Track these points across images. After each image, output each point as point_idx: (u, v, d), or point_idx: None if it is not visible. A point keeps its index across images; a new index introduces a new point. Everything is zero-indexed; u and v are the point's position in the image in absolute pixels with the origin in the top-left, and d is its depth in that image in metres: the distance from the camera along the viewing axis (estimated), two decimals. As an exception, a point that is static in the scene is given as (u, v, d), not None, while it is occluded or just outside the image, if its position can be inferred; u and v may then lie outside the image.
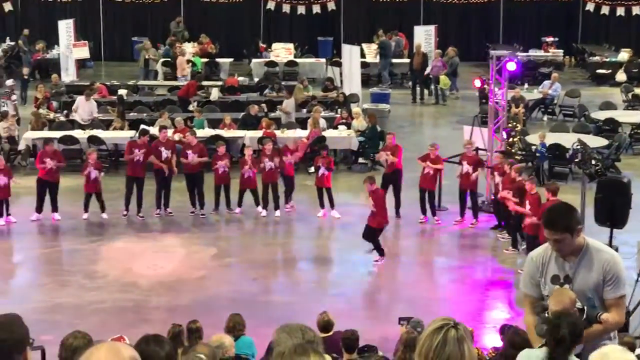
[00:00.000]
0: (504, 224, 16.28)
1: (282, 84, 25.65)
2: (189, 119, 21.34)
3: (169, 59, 28.87)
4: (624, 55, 30.15)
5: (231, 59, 30.33)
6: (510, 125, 18.83)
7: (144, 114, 22.47)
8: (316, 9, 33.33)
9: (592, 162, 14.24)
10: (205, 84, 25.60)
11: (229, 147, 18.70)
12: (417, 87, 27.60)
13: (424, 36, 29.50)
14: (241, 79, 26.63)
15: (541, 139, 19.31)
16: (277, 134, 20.13)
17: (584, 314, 5.31)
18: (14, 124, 20.77)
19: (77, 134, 20.33)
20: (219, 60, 29.58)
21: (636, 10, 33.31)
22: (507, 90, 18.53)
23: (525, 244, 14.88)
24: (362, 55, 28.31)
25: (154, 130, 19.04)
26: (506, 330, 9.54)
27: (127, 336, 7.41)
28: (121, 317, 12.89)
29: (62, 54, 28.33)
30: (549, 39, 31.42)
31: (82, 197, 17.14)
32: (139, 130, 18.71)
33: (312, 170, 18.70)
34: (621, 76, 28.89)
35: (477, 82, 19.99)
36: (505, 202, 15.50)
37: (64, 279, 14.52)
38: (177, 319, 10.57)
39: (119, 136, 20.37)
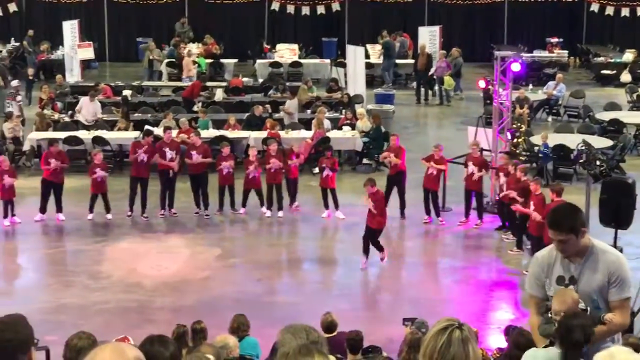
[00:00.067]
0: (507, 225, 16.27)
1: (287, 84, 25.67)
2: (193, 119, 21.36)
3: (174, 60, 28.91)
4: (629, 56, 30.10)
5: (235, 60, 30.35)
6: (514, 126, 18.80)
7: (149, 115, 22.49)
8: (320, 9, 33.33)
9: (597, 162, 14.22)
10: (209, 84, 25.62)
11: (233, 147, 18.71)
12: (422, 88, 27.60)
13: (429, 37, 29.49)
14: (245, 79, 26.64)
15: (543, 139, 19.29)
16: (282, 134, 20.13)
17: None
18: (18, 124, 20.80)
19: (82, 134, 20.34)
20: (223, 60, 29.57)
21: (641, 10, 33.29)
22: (511, 91, 18.50)
23: (530, 244, 14.88)
24: (367, 56, 28.30)
25: (159, 130, 19.05)
26: (511, 331, 9.54)
27: (132, 337, 7.39)
28: (125, 318, 12.90)
29: (66, 55, 28.36)
30: (554, 40, 31.39)
31: (86, 198, 17.16)
32: (143, 130, 18.74)
33: (316, 171, 18.72)
34: (626, 77, 28.85)
35: (482, 83, 19.94)
36: (508, 201, 15.49)
37: (68, 279, 14.53)
38: (182, 319, 10.56)
39: (124, 137, 20.38)
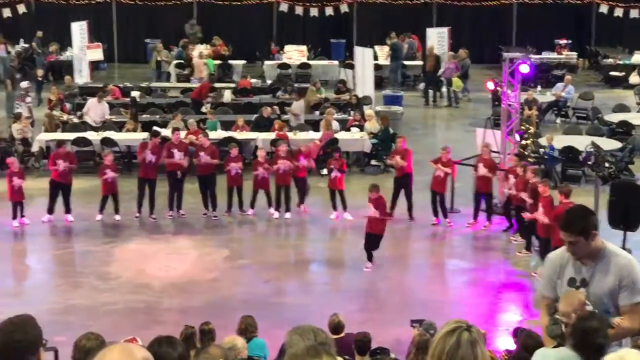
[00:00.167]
0: (515, 226, 16.21)
1: (295, 86, 25.67)
2: (201, 120, 21.39)
3: (182, 61, 28.95)
4: (638, 57, 30.00)
5: (244, 61, 30.35)
6: (523, 127, 18.77)
7: (157, 116, 22.52)
8: (329, 11, 33.30)
9: (606, 164, 14.21)
10: (217, 85, 25.64)
11: (241, 149, 18.72)
12: (430, 90, 27.58)
13: (437, 38, 29.45)
14: (254, 81, 26.65)
15: (549, 141, 19.20)
16: (290, 136, 20.14)
17: None
18: (27, 125, 20.85)
19: (91, 135, 20.38)
20: (231, 62, 29.59)
21: (650, 12, 33.20)
22: (520, 92, 18.47)
23: (538, 246, 14.84)
24: (375, 57, 28.29)
25: (167, 132, 19.06)
26: (519, 333, 9.53)
27: (140, 337, 7.39)
28: (134, 319, 12.92)
29: (75, 56, 28.41)
30: (562, 41, 31.30)
31: (95, 199, 17.20)
32: (151, 131, 18.77)
33: (324, 172, 18.71)
34: (635, 78, 28.77)
35: (490, 85, 19.93)
36: (518, 203, 15.45)
37: (77, 280, 14.56)
38: (190, 320, 10.59)
39: (132, 138, 20.40)
